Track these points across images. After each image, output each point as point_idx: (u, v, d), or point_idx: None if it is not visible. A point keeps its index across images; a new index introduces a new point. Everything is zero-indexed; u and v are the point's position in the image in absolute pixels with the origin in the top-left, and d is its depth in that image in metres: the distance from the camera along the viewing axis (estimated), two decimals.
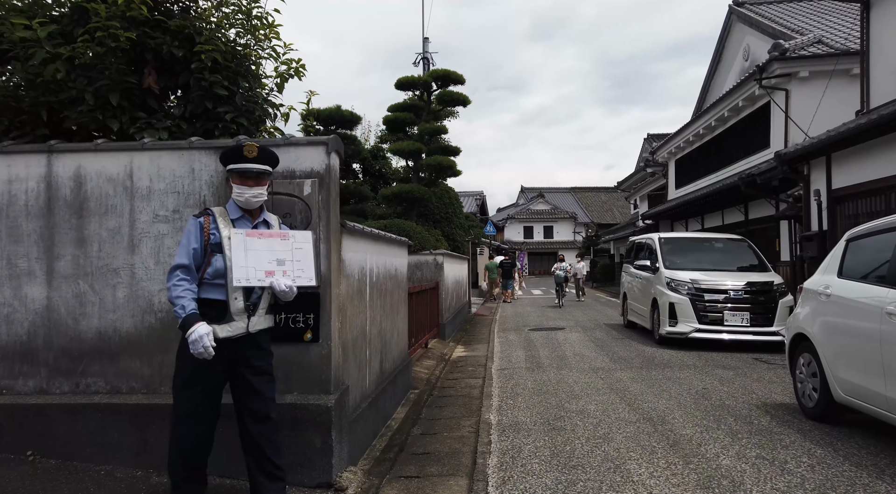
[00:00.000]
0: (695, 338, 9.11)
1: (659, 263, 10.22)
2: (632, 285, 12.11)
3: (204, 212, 3.05)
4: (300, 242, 3.12)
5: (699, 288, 9.30)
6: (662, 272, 9.90)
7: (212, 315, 2.88)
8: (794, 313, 5.28)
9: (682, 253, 10.51)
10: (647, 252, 11.21)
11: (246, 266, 2.91)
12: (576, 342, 10.48)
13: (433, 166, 13.62)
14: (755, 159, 16.17)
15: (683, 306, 9.24)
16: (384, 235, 5.15)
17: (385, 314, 5.34)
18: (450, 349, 10.11)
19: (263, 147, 3.05)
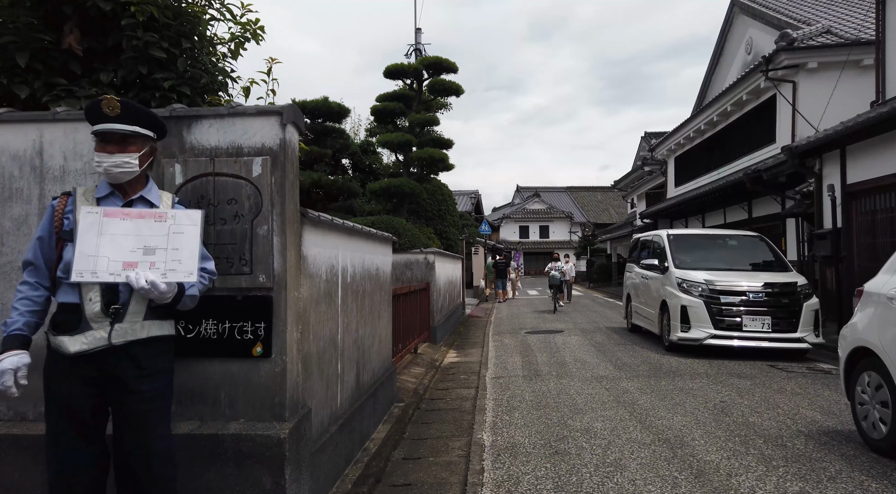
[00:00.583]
0: (710, 345, 8.31)
1: (668, 262, 9.36)
2: (637, 286, 11.27)
3: (66, 192, 2.40)
4: (182, 224, 2.42)
5: (714, 290, 8.44)
6: (672, 272, 9.07)
7: (65, 324, 2.24)
8: (851, 322, 4.45)
9: (693, 251, 9.65)
10: (653, 250, 10.44)
11: (96, 255, 2.24)
12: (576, 346, 9.83)
13: (424, 160, 12.85)
14: (760, 155, 15.57)
15: (697, 309, 8.41)
16: (362, 229, 4.49)
17: (363, 320, 4.67)
18: (441, 354, 9.44)
19: (129, 103, 2.33)
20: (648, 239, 11.34)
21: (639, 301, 11.02)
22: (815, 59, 13.38)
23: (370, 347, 4.92)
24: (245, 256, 2.93)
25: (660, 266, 9.63)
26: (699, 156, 21.07)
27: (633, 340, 10.51)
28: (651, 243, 10.87)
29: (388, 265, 5.83)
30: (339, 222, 3.81)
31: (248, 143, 2.97)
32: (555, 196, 62.80)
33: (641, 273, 10.79)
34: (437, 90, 14.06)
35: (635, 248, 12.22)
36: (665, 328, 9.15)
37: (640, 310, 10.90)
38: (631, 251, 12.68)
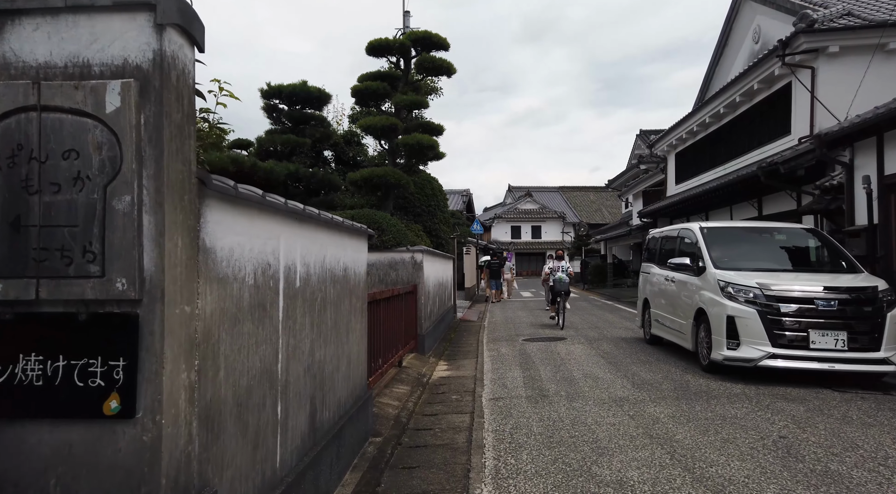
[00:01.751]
0: (767, 367, 6.53)
1: (705, 260, 7.65)
2: (658, 290, 9.55)
3: None
4: None
5: (771, 295, 6.64)
6: (712, 274, 7.36)
7: None
8: None
9: (735, 247, 8.00)
10: (681, 247, 8.75)
11: None
12: (582, 357, 8.68)
13: (411, 146, 11.56)
14: (773, 148, 14.52)
15: (749, 321, 6.61)
16: (320, 215, 3.30)
17: (324, 338, 3.49)
18: (430, 366, 8.27)
19: None
20: (672, 234, 9.62)
21: (661, 308, 9.33)
22: (838, 42, 12.35)
23: (334, 372, 3.74)
24: (92, 246, 1.74)
25: (692, 266, 7.92)
26: (703, 151, 20.05)
27: (645, 350, 9.38)
28: (678, 239, 9.09)
29: (361, 265, 4.65)
30: (279, 202, 2.62)
31: (101, 57, 1.78)
32: (547, 196, 61.89)
33: (664, 275, 9.16)
34: (426, 68, 12.75)
35: (654, 245, 10.59)
36: (702, 344, 7.42)
37: (662, 319, 9.21)
38: (647, 249, 11.11)
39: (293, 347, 2.93)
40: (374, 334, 5.80)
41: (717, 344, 6.93)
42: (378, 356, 6.05)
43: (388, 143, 11.85)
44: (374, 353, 5.75)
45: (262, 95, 12.79)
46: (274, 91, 12.74)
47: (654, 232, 11.13)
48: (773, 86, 14.54)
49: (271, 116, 13.25)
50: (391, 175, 10.61)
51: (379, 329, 6.13)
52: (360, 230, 4.43)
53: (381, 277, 8.98)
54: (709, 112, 18.35)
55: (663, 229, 10.76)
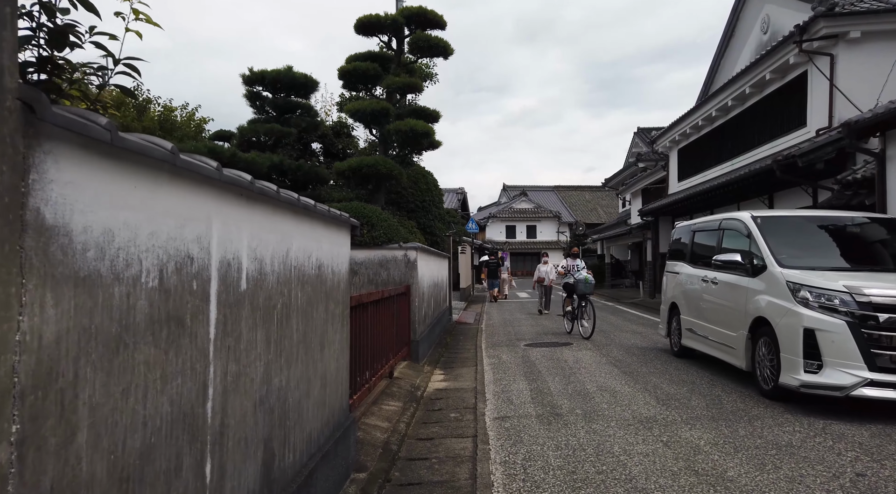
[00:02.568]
0: (863, 397, 5.01)
1: (764, 257, 6.14)
2: (692, 293, 8.03)
3: None
4: None
5: (866, 302, 5.15)
6: (777, 274, 5.82)
7: None
8: None
9: (800, 242, 6.51)
10: (726, 242, 7.31)
11: None
12: (593, 366, 7.86)
13: (404, 134, 10.60)
14: (786, 141, 13.77)
15: (836, 335, 5.14)
16: (278, 193, 2.44)
17: (286, 356, 2.64)
18: (424, 376, 7.42)
19: None
20: (710, 226, 8.08)
21: (696, 315, 7.82)
22: (859, 27, 11.60)
23: (303, 399, 2.89)
24: None
25: (746, 264, 6.43)
26: (708, 147, 19.30)
27: (659, 356, 8.58)
28: (719, 232, 7.60)
29: (343, 262, 3.80)
30: (204, 166, 1.77)
31: None
32: (542, 195, 61.22)
33: (700, 275, 7.75)
34: (420, 48, 11.74)
35: (682, 240, 9.06)
36: (763, 364, 5.87)
37: (698, 328, 7.70)
38: (672, 246, 9.62)
39: (235, 375, 2.08)
40: (359, 343, 4.95)
41: (790, 365, 5.36)
42: (364, 369, 5.20)
43: (379, 130, 10.92)
44: (358, 366, 4.90)
45: (243, 80, 11.88)
46: (256, 77, 11.85)
47: (683, 225, 9.47)
48: (788, 75, 13.79)
49: (254, 105, 12.35)
50: (382, 165, 9.69)
51: (366, 338, 5.29)
52: (339, 219, 3.58)
53: (371, 277, 8.14)
54: (715, 105, 17.59)
55: (696, 221, 9.01)
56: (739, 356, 6.45)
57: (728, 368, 7.18)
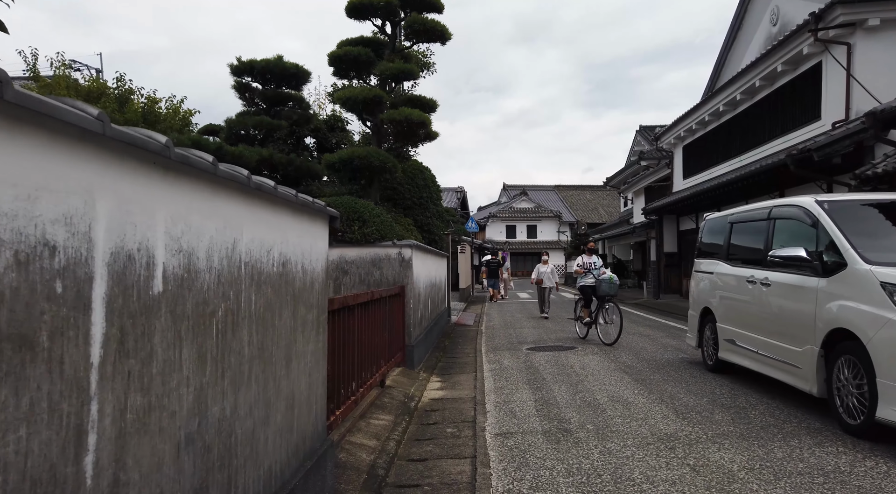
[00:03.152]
0: None
1: (844, 252, 4.83)
2: (733, 296, 6.67)
3: None
4: None
5: None
6: (866, 272, 4.53)
7: None
8: None
9: (883, 233, 5.20)
10: (781, 234, 5.97)
11: None
12: (601, 372, 7.30)
13: (399, 124, 9.94)
14: (799, 135, 13.22)
15: None
16: (214, 168, 1.87)
17: (231, 376, 2.08)
18: (419, 384, 6.86)
19: None
20: (757, 215, 6.57)
21: (741, 324, 6.44)
22: (879, 14, 11.03)
23: (257, 428, 2.32)
24: None
25: (814, 261, 5.14)
26: (715, 143, 18.74)
27: (672, 361, 8.02)
28: (770, 222, 6.19)
29: (317, 258, 3.23)
30: (86, 115, 1.20)
31: None
32: (542, 195, 60.71)
33: (745, 275, 6.33)
34: (416, 33, 11.05)
35: (715, 233, 7.73)
36: (845, 390, 4.59)
37: (744, 340, 6.31)
38: (701, 240, 8.34)
39: (142, 410, 1.51)
40: (343, 351, 4.39)
41: (891, 395, 4.06)
42: (349, 380, 4.64)
43: (373, 120, 10.28)
44: (342, 378, 4.34)
45: (231, 71, 11.30)
46: (245, 67, 11.27)
47: (716, 216, 8.11)
48: (801, 67, 13.22)
49: (244, 97, 11.78)
50: (375, 157, 9.05)
51: (352, 344, 4.72)
52: (312, 208, 3.01)
53: (363, 277, 7.58)
54: (723, 100, 17.03)
55: (734, 211, 7.43)
56: (807, 377, 5.07)
57: (756, 377, 6.62)
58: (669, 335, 10.97)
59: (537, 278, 15.15)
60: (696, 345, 7.81)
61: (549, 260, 15.75)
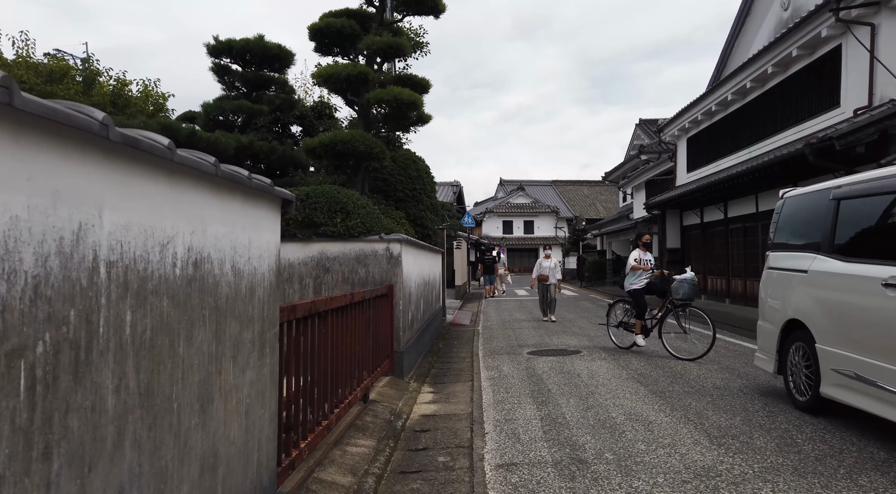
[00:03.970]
0: None
1: None
2: (856, 307, 4.52)
3: None
4: None
5: None
6: None
7: None
8: None
9: None
10: None
11: None
12: (612, 382, 6.52)
13: (387, 104, 8.91)
14: (815, 124, 12.45)
15: None
16: (27, 100, 1.05)
17: (79, 446, 1.27)
18: (409, 397, 6.07)
19: None
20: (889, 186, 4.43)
21: (868, 348, 4.30)
22: None
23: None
24: None
25: None
26: (722, 134, 17.97)
27: (689, 372, 7.25)
28: None
29: (263, 254, 2.41)
30: None
31: None
32: (540, 190, 59.99)
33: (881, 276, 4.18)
34: (406, 3, 10.11)
35: (811, 215, 5.53)
36: None
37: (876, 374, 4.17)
38: (781, 227, 6.18)
39: None
40: (311, 369, 3.59)
41: None
42: (320, 403, 3.84)
43: (358, 101, 9.39)
44: (308, 402, 3.54)
45: (208, 51, 10.41)
46: (223, 47, 10.40)
47: (805, 191, 5.91)
48: (818, 51, 12.44)
49: (223, 80, 10.92)
50: (361, 141, 8.17)
51: (323, 359, 3.92)
52: (247, 185, 2.19)
53: (346, 275, 6.77)
54: (731, 88, 16.24)
55: (842, 181, 5.18)
56: None
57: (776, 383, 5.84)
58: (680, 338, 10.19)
59: (539, 274, 13.27)
60: (773, 371, 5.70)
61: (552, 255, 13.78)
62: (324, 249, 6.77)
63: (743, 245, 16.31)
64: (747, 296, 15.75)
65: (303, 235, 6.61)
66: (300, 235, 6.60)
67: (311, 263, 6.76)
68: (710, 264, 18.68)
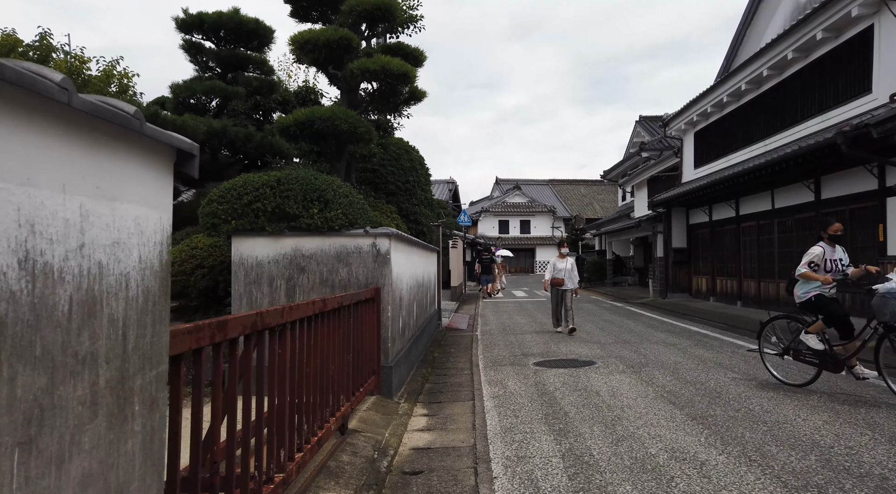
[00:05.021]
0: None
1: None
2: None
3: None
4: None
5: None
6: None
7: None
8: None
9: None
10: None
11: None
12: (640, 403, 5.51)
13: (376, 77, 7.62)
14: (843, 113, 11.50)
15: None
16: None
17: None
18: (397, 423, 5.03)
19: None
20: None
21: None
22: None
23: None
24: None
25: None
26: (734, 126, 17.02)
27: (726, 384, 6.24)
28: None
29: (126, 241, 1.36)
30: None
31: None
32: (536, 189, 59.08)
33: None
34: None
35: None
36: None
37: None
38: None
39: None
40: (247, 414, 2.55)
41: None
42: (275, 452, 2.80)
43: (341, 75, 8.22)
44: (258, 455, 2.49)
45: (177, 25, 9.28)
46: (194, 21, 9.30)
47: None
48: (846, 32, 11.48)
49: (195, 60, 9.84)
50: (343, 118, 6.99)
51: (276, 392, 2.89)
52: (79, 109, 1.14)
53: (325, 276, 5.73)
54: (745, 77, 15.29)
55: None
56: None
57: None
58: (701, 345, 9.21)
59: (553, 277, 10.81)
60: None
61: (567, 254, 11.02)
62: (298, 245, 5.72)
63: (756, 244, 15.36)
64: (761, 299, 14.79)
65: (273, 228, 5.57)
66: (270, 228, 5.56)
67: (284, 261, 5.72)
68: (719, 264, 17.74)
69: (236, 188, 5.50)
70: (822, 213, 12.15)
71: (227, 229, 5.48)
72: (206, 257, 6.32)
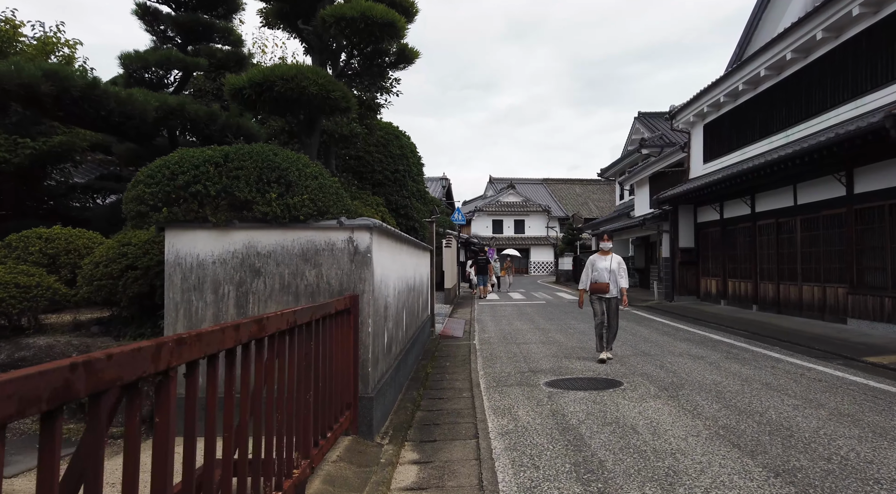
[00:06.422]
0: None
1: None
2: None
3: None
4: None
5: None
6: None
7: None
8: None
9: None
10: None
11: None
12: (691, 443, 4.25)
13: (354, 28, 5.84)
14: (880, 98, 10.33)
15: None
16: None
17: None
18: (378, 480, 3.73)
19: None
20: None
21: None
22: None
23: None
24: None
25: None
26: (749, 117, 15.85)
27: (779, 409, 5.01)
28: None
29: None
30: None
31: None
32: (531, 188, 58.02)
33: None
34: None
35: None
36: None
37: None
38: None
39: None
40: None
41: None
42: None
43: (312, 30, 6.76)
44: None
45: None
46: None
47: None
48: (886, 7, 10.31)
49: (151, 28, 8.55)
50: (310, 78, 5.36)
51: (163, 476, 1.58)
52: None
53: (287, 281, 4.44)
54: (765, 62, 14.11)
55: None
56: None
57: None
58: (732, 359, 7.97)
59: (593, 281, 7.91)
60: None
61: (611, 250, 8.10)
62: (252, 240, 4.43)
63: (775, 244, 14.18)
64: (780, 302, 13.62)
65: (218, 218, 4.27)
66: (214, 218, 4.26)
67: (233, 261, 4.42)
68: (731, 265, 16.57)
69: (169, 166, 4.19)
70: (856, 209, 10.99)
71: (158, 218, 4.18)
72: (139, 257, 5.01)
